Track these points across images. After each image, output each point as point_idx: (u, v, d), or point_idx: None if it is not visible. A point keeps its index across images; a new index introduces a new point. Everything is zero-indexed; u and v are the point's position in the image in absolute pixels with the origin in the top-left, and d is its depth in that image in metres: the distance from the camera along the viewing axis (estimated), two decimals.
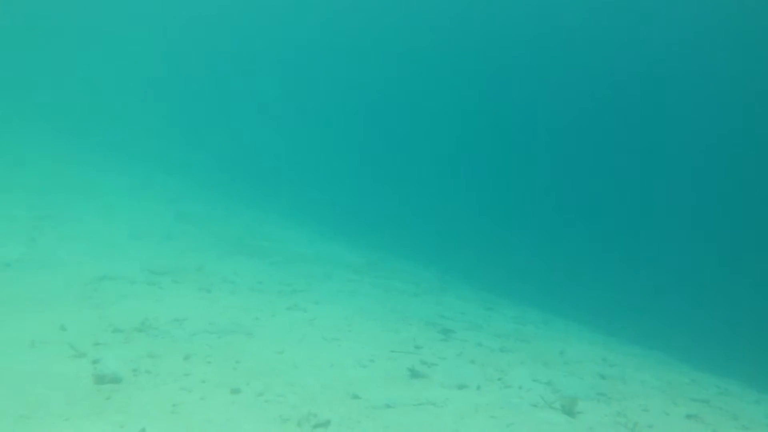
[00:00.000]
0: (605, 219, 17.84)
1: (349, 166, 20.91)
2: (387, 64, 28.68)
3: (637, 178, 20.45)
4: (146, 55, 30.06)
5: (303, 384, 5.77)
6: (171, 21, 33.39)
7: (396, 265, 11.42)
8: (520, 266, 12.59)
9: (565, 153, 22.83)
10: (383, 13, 29.11)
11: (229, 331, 7.02)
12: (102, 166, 15.25)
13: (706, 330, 10.53)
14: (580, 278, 12.33)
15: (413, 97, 26.72)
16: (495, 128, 24.53)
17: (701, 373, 8.50)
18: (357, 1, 29.98)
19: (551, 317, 10.23)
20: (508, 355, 7.51)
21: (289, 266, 10.06)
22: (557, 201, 19.25)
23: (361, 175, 20.09)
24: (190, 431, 4.67)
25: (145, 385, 5.39)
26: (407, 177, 20.68)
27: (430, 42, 26.92)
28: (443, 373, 6.50)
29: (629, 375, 7.50)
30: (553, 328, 9.46)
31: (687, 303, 11.94)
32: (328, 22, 31.33)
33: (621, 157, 21.39)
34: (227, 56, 31.42)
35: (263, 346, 6.65)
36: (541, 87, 24.53)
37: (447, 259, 12.42)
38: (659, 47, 22.55)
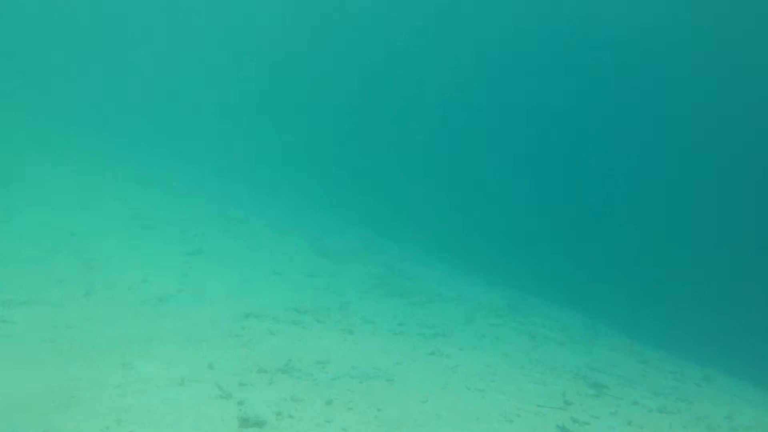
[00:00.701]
0: None
1: (486, 201, 20.55)
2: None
3: None
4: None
5: None
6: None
7: (539, 308, 10.95)
8: (678, 312, 11.67)
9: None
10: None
11: (370, 375, 6.89)
12: (247, 203, 15.81)
13: None
14: (749, 325, 11.20)
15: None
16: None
17: None
18: None
19: (713, 373, 9.36)
20: (668, 416, 6.88)
21: (430, 307, 9.87)
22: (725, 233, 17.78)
23: (499, 210, 19.65)
24: None
25: (287, 431, 5.34)
26: (547, 212, 20.02)
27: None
28: None
29: None
30: (717, 387, 8.63)
31: None
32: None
33: None
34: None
35: (405, 393, 6.45)
36: None
37: (594, 302, 11.78)
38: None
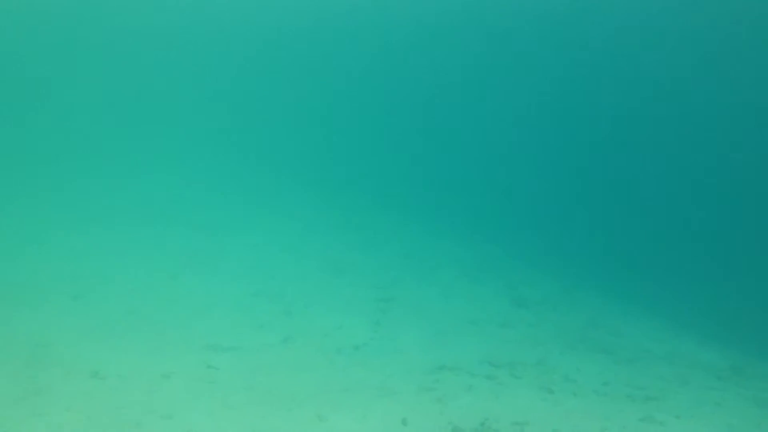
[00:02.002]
0: None
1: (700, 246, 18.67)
2: None
3: None
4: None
5: None
6: None
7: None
8: None
9: None
10: None
11: None
12: (441, 250, 15.65)
13: None
14: None
15: None
16: None
17: None
18: None
19: None
20: None
21: (638, 365, 8.98)
22: None
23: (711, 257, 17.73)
24: None
25: None
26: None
27: None
28: None
29: None
30: None
31: None
32: None
33: None
34: None
35: None
36: None
37: None
38: None
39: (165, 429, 5.88)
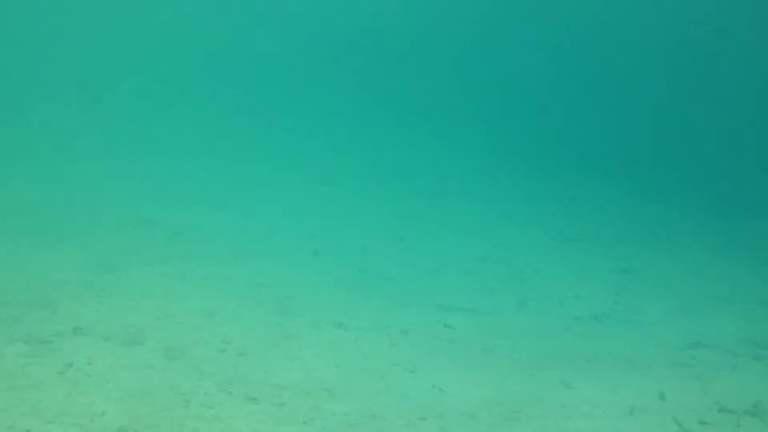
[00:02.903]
0: None
1: None
2: None
3: None
4: None
5: None
6: None
7: None
8: None
9: None
10: None
11: None
12: (675, 223, 14.42)
13: None
14: None
15: None
16: None
17: None
18: None
19: None
20: None
21: None
22: None
23: None
24: None
25: None
26: None
27: None
28: None
29: None
30: None
31: None
32: None
33: None
34: None
35: None
36: None
37: None
38: None
39: (410, 382, 5.80)
